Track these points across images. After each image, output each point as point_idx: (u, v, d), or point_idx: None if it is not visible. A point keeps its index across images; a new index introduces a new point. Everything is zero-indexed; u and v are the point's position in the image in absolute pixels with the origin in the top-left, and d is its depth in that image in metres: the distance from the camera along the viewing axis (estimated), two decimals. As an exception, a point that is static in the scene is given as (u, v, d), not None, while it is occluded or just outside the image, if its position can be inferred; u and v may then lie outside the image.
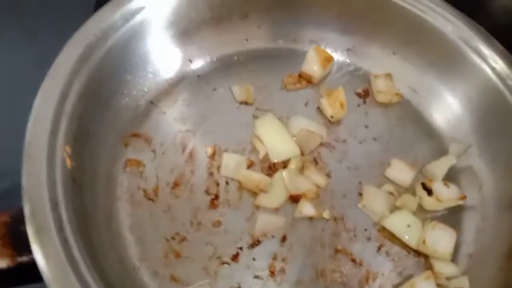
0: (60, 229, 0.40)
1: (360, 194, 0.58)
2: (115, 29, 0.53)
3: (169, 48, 0.61)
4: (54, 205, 0.41)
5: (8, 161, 0.61)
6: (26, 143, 0.43)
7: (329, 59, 0.65)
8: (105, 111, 0.54)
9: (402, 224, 0.55)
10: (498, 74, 0.58)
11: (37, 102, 0.45)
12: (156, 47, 0.60)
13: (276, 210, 0.55)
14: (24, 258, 0.40)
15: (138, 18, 0.55)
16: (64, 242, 0.40)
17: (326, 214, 0.55)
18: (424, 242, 0.53)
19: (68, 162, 0.45)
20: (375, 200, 0.57)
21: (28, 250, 0.40)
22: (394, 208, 0.57)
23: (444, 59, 0.63)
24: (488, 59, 0.59)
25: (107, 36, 0.52)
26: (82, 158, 0.48)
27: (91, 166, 0.51)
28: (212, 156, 0.59)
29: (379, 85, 0.65)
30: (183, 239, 0.53)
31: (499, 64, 0.58)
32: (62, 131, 0.45)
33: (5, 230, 0.41)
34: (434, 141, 0.63)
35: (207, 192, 0.56)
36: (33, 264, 0.40)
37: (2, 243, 0.40)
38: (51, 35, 0.75)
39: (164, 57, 0.61)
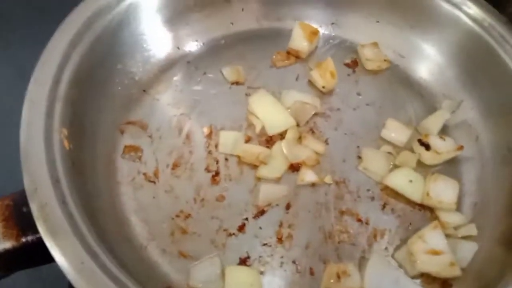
0: (63, 203, 0.40)
1: (359, 157, 0.58)
2: (103, 15, 0.54)
3: (156, 35, 0.62)
4: (56, 182, 0.41)
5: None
6: (22, 125, 0.43)
7: (315, 32, 0.66)
8: (99, 98, 0.55)
9: (404, 181, 0.55)
10: (473, 19, 0.60)
11: (31, 86, 0.46)
12: (143, 35, 0.61)
13: (278, 180, 0.55)
14: (29, 238, 0.40)
15: (124, 4, 0.56)
16: (69, 216, 0.40)
17: (328, 179, 0.55)
18: (428, 195, 0.53)
19: (66, 144, 0.45)
20: (375, 161, 0.57)
21: (33, 229, 0.40)
22: (394, 168, 0.57)
23: (422, 17, 0.65)
24: (460, 6, 0.61)
25: (96, 22, 0.53)
26: (80, 142, 0.49)
27: (90, 151, 0.51)
28: (209, 135, 0.59)
29: (367, 54, 0.66)
30: (188, 216, 0.53)
31: (472, 8, 0.60)
32: (57, 114, 0.46)
33: (8, 212, 0.41)
34: (425, 100, 0.64)
35: (208, 170, 0.56)
36: (39, 244, 0.40)
37: (6, 225, 0.40)
38: (26, 44, 0.76)
39: (152, 45, 0.62)
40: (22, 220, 0.41)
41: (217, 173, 0.56)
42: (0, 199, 0.42)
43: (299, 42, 0.66)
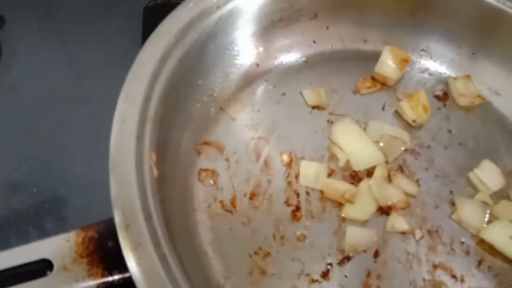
0: (157, 245, 0.36)
1: (453, 204, 0.53)
2: (194, 28, 0.50)
3: (238, 50, 0.58)
4: (148, 218, 0.37)
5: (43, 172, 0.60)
6: (112, 149, 0.39)
7: (406, 59, 0.61)
8: (179, 117, 0.51)
9: (503, 236, 0.50)
10: None
11: (121, 104, 0.42)
12: (226, 49, 0.57)
13: (365, 223, 0.51)
14: (115, 277, 0.36)
15: (214, 17, 0.52)
16: (163, 259, 0.36)
17: (418, 233, 0.50)
18: (531, 255, 0.48)
19: (155, 171, 0.41)
20: (469, 212, 0.52)
21: (118, 268, 0.37)
22: (491, 217, 0.52)
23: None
24: None
25: (187, 35, 0.49)
26: (163, 166, 0.45)
27: (170, 175, 0.47)
28: (289, 164, 0.55)
29: (460, 88, 0.61)
30: (267, 255, 0.48)
31: None
32: (147, 137, 0.42)
33: (93, 246, 0.37)
34: (523, 146, 0.59)
35: (287, 203, 0.52)
36: (124, 284, 0.37)
37: (91, 261, 0.36)
38: (82, 40, 0.73)
39: (233, 60, 0.58)
40: (108, 256, 0.37)
41: (297, 208, 0.52)
42: (83, 229, 0.38)
43: (388, 68, 0.61)
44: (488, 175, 0.54)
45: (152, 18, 0.74)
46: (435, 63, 0.64)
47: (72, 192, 0.59)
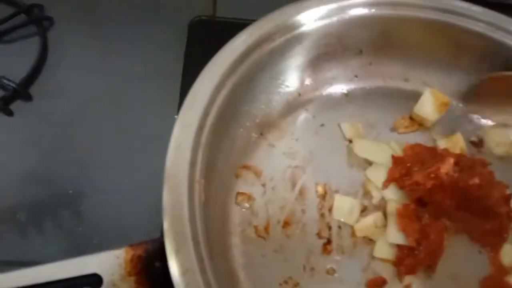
0: (203, 272, 0.38)
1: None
2: (247, 58, 0.52)
3: (283, 81, 0.60)
4: (196, 244, 0.39)
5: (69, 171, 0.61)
6: (167, 174, 0.41)
7: (446, 103, 0.62)
8: (224, 141, 0.52)
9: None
10: None
11: (176, 131, 0.44)
12: (272, 78, 0.58)
13: (393, 263, 0.52)
14: (160, 298, 0.38)
15: (267, 47, 0.53)
16: (208, 286, 0.37)
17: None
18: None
19: (203, 196, 0.43)
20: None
21: (163, 288, 0.38)
22: (519, 270, 0.53)
23: None
24: None
25: (241, 64, 0.51)
26: (208, 189, 0.46)
27: (213, 197, 0.48)
28: (323, 196, 0.56)
29: (496, 137, 0.62)
30: (296, 285, 0.50)
31: None
32: (199, 163, 0.43)
33: (141, 265, 0.39)
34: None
35: (319, 235, 0.53)
36: (167, 305, 0.38)
37: (139, 280, 0.38)
38: (122, 51, 0.74)
39: (277, 88, 0.60)
40: (154, 276, 0.39)
41: (329, 242, 0.53)
42: (132, 247, 0.40)
43: (427, 110, 0.62)
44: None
45: (196, 33, 0.77)
46: (473, 108, 0.65)
47: (101, 199, 0.60)
